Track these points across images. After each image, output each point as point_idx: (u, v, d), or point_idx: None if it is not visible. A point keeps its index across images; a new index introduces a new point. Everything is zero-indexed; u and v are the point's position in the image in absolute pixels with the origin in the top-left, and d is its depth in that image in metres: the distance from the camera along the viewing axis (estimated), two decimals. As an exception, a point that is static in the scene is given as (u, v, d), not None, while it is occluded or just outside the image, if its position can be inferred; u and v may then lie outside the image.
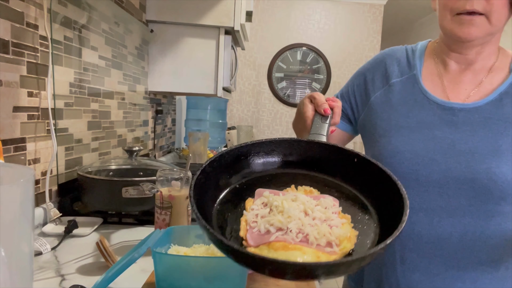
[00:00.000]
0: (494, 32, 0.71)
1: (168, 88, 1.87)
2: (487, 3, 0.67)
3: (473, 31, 0.68)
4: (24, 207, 0.50)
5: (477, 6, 0.66)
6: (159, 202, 0.87)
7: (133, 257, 0.62)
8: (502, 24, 0.70)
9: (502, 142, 0.68)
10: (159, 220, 0.87)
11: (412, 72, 0.80)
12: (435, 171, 0.71)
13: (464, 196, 0.69)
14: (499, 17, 0.68)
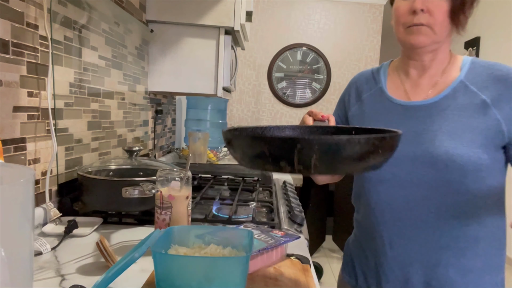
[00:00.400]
0: (439, 41, 0.84)
1: (168, 88, 1.87)
2: (430, 17, 0.81)
3: (421, 39, 0.83)
4: (24, 207, 0.51)
5: (422, 20, 0.81)
6: (159, 202, 0.87)
7: (133, 257, 0.62)
8: (444, 33, 0.83)
9: (457, 128, 0.80)
10: (159, 220, 0.87)
11: (378, 86, 0.96)
12: (404, 160, 0.83)
13: (431, 177, 0.81)
14: (441, 28, 0.82)
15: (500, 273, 0.86)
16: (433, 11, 0.81)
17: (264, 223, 1.09)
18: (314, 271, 0.83)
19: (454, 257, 0.83)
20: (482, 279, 0.84)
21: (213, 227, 0.79)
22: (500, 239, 0.86)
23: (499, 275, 0.86)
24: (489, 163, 0.79)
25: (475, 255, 0.83)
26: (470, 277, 0.83)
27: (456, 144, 0.79)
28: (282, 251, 0.86)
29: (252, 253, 0.70)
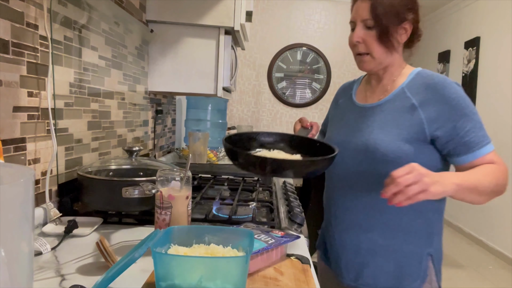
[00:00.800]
0: (381, 62, 1.02)
1: (168, 88, 1.87)
2: (366, 46, 1.00)
3: (365, 65, 1.03)
4: (24, 207, 0.51)
5: (361, 50, 1.01)
6: (159, 202, 0.87)
7: (133, 257, 0.62)
8: (384, 56, 1.01)
9: (388, 124, 1.00)
10: (159, 220, 0.87)
11: (350, 93, 1.18)
12: (350, 148, 1.05)
13: (361, 158, 1.02)
14: (378, 54, 1.00)
15: (427, 248, 1.02)
16: (366, 41, 0.99)
17: (264, 223, 1.09)
18: (314, 271, 0.83)
19: (380, 226, 1.01)
20: (405, 247, 1.01)
21: (213, 227, 0.79)
22: (427, 218, 1.02)
23: (426, 249, 1.02)
24: (411, 154, 0.96)
25: (398, 226, 1.01)
26: (393, 243, 1.01)
27: (384, 136, 0.98)
28: (282, 251, 0.86)
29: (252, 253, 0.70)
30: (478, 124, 0.96)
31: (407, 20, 0.99)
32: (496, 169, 0.94)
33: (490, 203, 1.67)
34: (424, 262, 1.01)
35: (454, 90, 0.96)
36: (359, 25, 1.00)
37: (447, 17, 5.11)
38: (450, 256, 3.79)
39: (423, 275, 1.00)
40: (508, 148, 3.76)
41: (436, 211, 1.03)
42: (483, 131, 0.96)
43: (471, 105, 0.97)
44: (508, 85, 3.79)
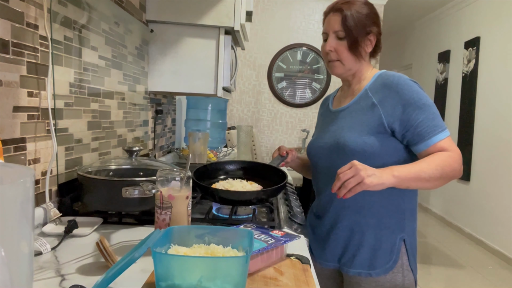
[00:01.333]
0: (350, 68, 1.15)
1: (168, 88, 1.87)
2: (337, 54, 1.13)
3: (336, 70, 1.16)
4: (24, 207, 0.51)
5: (333, 57, 1.14)
6: (159, 202, 0.87)
7: (133, 257, 0.62)
8: (352, 63, 1.14)
9: (354, 123, 1.12)
10: (159, 220, 0.87)
11: (327, 102, 1.32)
12: (324, 145, 1.18)
13: (335, 154, 1.13)
14: (347, 61, 1.14)
15: (399, 233, 1.12)
16: (338, 50, 1.13)
17: (264, 223, 1.09)
18: (314, 271, 0.83)
19: (355, 213, 1.12)
20: (378, 232, 1.11)
21: (213, 227, 0.79)
22: (397, 205, 1.11)
23: (399, 234, 1.12)
24: (376, 147, 1.07)
25: (370, 213, 1.11)
26: (367, 228, 1.12)
27: (351, 134, 1.10)
28: (282, 251, 0.86)
29: (252, 253, 0.70)
30: (431, 115, 1.04)
31: (372, 32, 1.14)
32: (445, 156, 1.01)
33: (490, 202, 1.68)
34: (397, 246, 1.10)
35: (407, 87, 1.07)
36: (331, 36, 1.13)
37: (447, 17, 5.11)
38: (450, 256, 3.79)
39: (395, 258, 1.10)
40: (508, 147, 3.76)
41: (406, 198, 1.12)
42: (435, 121, 1.04)
43: (425, 98, 1.06)
44: (508, 85, 3.79)
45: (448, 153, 1.02)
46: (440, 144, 1.03)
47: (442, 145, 1.03)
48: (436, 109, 1.06)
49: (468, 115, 4.45)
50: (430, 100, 1.07)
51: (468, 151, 4.41)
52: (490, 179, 4.04)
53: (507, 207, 3.73)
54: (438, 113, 1.06)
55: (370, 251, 1.10)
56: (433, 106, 1.06)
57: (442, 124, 1.05)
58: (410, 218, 1.14)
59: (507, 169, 3.76)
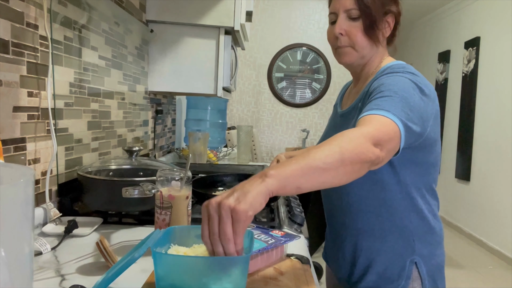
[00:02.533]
0: (363, 56, 0.97)
1: (168, 88, 1.87)
2: (349, 39, 0.94)
3: (347, 58, 0.97)
4: (24, 207, 0.51)
5: (344, 42, 0.95)
6: (159, 202, 0.87)
7: (133, 257, 0.62)
8: (366, 50, 0.96)
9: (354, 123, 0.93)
10: (159, 220, 0.87)
11: (340, 95, 1.17)
12: None
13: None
14: (361, 46, 0.95)
15: (409, 256, 0.96)
16: (350, 33, 0.94)
17: (264, 223, 1.09)
18: (314, 271, 0.83)
19: (360, 229, 0.99)
20: (383, 254, 0.97)
21: (213, 227, 0.78)
22: (401, 226, 0.96)
23: (409, 256, 0.96)
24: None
25: (375, 232, 0.97)
26: (373, 247, 0.98)
27: None
28: (282, 251, 0.86)
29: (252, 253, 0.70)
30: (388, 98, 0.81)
31: (391, 12, 0.96)
32: (344, 132, 0.73)
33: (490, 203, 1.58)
34: (407, 270, 0.95)
35: (397, 74, 0.88)
36: (342, 16, 0.94)
37: (447, 17, 5.11)
38: (450, 256, 3.79)
39: (404, 284, 0.95)
40: (508, 147, 3.76)
41: (413, 218, 0.97)
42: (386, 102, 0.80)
43: (404, 90, 0.83)
44: (508, 85, 3.79)
45: (346, 131, 0.74)
46: (362, 118, 0.78)
47: (362, 119, 0.78)
48: (406, 102, 0.81)
49: (468, 115, 4.45)
50: (411, 91, 0.84)
51: (468, 151, 4.42)
52: (490, 179, 4.04)
53: (507, 207, 3.73)
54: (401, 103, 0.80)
55: (375, 277, 0.98)
56: (406, 99, 0.81)
57: (393, 109, 0.78)
58: (423, 239, 0.97)
59: (507, 169, 3.76)
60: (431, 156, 0.94)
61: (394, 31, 1.00)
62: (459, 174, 4.57)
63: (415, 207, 0.96)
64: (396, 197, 0.94)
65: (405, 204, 0.95)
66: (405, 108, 0.80)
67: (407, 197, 0.94)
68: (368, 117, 0.78)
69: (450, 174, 4.83)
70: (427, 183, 0.96)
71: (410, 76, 0.88)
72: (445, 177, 4.95)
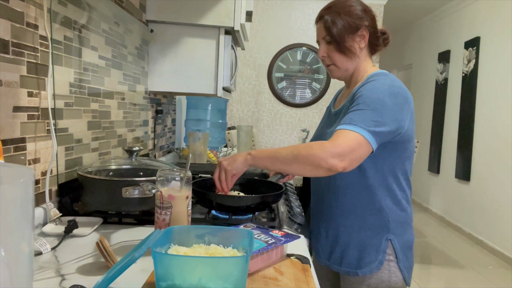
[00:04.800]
0: (347, 69, 1.16)
1: (168, 88, 1.87)
2: (330, 59, 1.16)
3: (334, 74, 1.19)
4: (24, 207, 0.51)
5: (327, 62, 1.18)
6: (159, 202, 0.87)
7: (133, 257, 0.62)
8: (347, 64, 1.15)
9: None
10: (159, 220, 0.87)
11: (333, 100, 1.33)
12: None
13: None
14: (340, 63, 1.15)
15: (384, 234, 1.12)
16: (329, 54, 1.15)
17: (264, 223, 1.09)
18: (314, 271, 0.83)
19: (340, 214, 1.16)
20: (362, 234, 1.13)
21: (213, 227, 0.79)
22: (378, 207, 1.12)
23: (384, 236, 1.12)
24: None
25: (354, 215, 1.14)
26: (351, 230, 1.14)
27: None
28: (282, 251, 0.86)
29: (252, 253, 0.70)
30: (361, 112, 1.02)
31: (363, 27, 1.12)
32: (309, 143, 1.03)
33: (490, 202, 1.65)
34: (383, 246, 1.12)
35: (372, 84, 1.07)
36: (322, 42, 1.16)
37: (447, 17, 5.11)
38: (450, 256, 3.79)
39: (381, 258, 1.12)
40: (508, 147, 3.76)
41: (387, 198, 1.13)
42: (357, 116, 1.01)
43: (370, 99, 1.03)
44: (508, 85, 3.79)
45: (316, 142, 1.01)
46: (335, 132, 1.01)
47: (334, 133, 1.01)
48: (377, 112, 1.01)
49: (468, 115, 4.45)
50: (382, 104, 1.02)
51: (468, 151, 4.42)
52: (490, 179, 4.04)
53: (507, 207, 3.73)
54: (371, 114, 1.00)
55: (357, 252, 1.13)
56: (377, 109, 1.01)
57: (361, 122, 1.00)
58: (396, 217, 1.13)
59: (507, 169, 3.76)
60: (407, 151, 1.12)
61: (374, 40, 1.16)
62: (459, 174, 4.57)
63: (391, 192, 1.13)
64: (375, 183, 1.11)
65: (382, 189, 1.12)
66: (375, 117, 1.00)
67: (384, 183, 1.12)
68: (338, 132, 1.01)
69: (450, 174, 4.83)
70: (403, 173, 1.14)
71: (387, 86, 1.06)
72: (445, 177, 4.95)
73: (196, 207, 1.27)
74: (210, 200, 1.12)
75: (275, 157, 1.03)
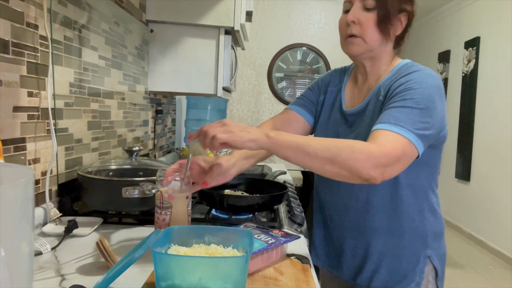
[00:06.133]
0: (371, 49, 0.96)
1: (168, 88, 1.87)
2: (360, 28, 0.93)
3: (355, 49, 0.96)
4: (24, 207, 0.51)
5: (354, 31, 0.94)
6: (159, 202, 0.87)
7: (133, 257, 0.62)
8: (376, 43, 0.95)
9: (369, 128, 0.91)
10: (159, 220, 0.87)
11: (340, 85, 1.10)
12: None
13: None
14: (371, 37, 0.94)
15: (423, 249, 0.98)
16: (363, 22, 0.93)
17: (264, 223, 1.09)
18: (314, 271, 0.83)
19: (373, 229, 0.99)
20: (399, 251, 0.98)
21: (213, 227, 0.79)
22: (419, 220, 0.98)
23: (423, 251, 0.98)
24: None
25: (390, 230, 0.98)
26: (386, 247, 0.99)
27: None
28: (282, 251, 0.86)
29: (252, 253, 0.70)
30: (406, 112, 0.84)
31: (406, 11, 0.95)
32: (354, 143, 0.81)
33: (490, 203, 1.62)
34: (421, 264, 0.98)
35: (417, 77, 0.89)
36: (356, 5, 0.94)
37: (447, 17, 5.11)
38: (450, 256, 3.79)
39: (419, 278, 0.97)
40: (508, 147, 3.76)
41: (425, 212, 1.00)
42: (403, 116, 0.84)
43: (420, 96, 0.85)
44: (508, 85, 3.79)
45: (364, 143, 0.81)
46: (376, 132, 0.83)
47: (376, 134, 0.83)
48: (427, 112, 0.85)
49: (468, 115, 4.45)
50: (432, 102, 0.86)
51: (468, 151, 4.41)
52: (490, 179, 4.04)
53: (507, 207, 3.72)
54: (416, 118, 0.84)
55: (388, 274, 0.99)
56: (428, 109, 0.85)
57: (410, 124, 0.83)
58: (434, 231, 1.00)
59: (507, 169, 3.76)
60: (440, 154, 0.99)
61: (404, 33, 0.99)
62: (459, 174, 4.57)
63: (429, 205, 1.00)
64: (412, 196, 0.97)
65: (421, 198, 0.98)
66: (424, 117, 0.84)
67: (423, 195, 0.98)
68: (383, 133, 0.82)
69: (450, 174, 4.83)
70: (435, 179, 1.01)
71: (435, 80, 0.90)
72: (445, 177, 4.95)
73: (196, 207, 1.27)
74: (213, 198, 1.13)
75: (302, 149, 0.78)
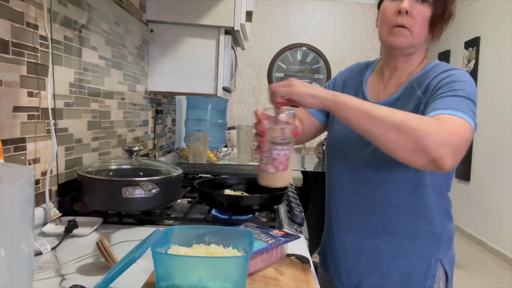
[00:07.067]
0: (416, 44, 0.92)
1: (168, 88, 1.87)
2: (412, 20, 0.89)
3: (401, 40, 0.91)
4: (24, 207, 0.51)
5: (405, 21, 0.89)
6: (280, 139, 0.79)
7: (133, 257, 0.62)
8: (422, 38, 0.91)
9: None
10: (279, 156, 0.79)
11: (361, 78, 1.06)
12: (353, 144, 0.98)
13: (367, 162, 0.95)
14: (419, 32, 0.90)
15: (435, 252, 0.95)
16: (415, 15, 0.88)
17: (264, 223, 1.09)
18: (314, 271, 0.83)
19: (383, 231, 0.96)
20: (411, 254, 0.95)
21: (213, 227, 0.79)
22: (433, 222, 0.95)
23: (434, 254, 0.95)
24: None
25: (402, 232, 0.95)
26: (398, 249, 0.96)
27: None
28: (282, 251, 0.86)
29: (252, 253, 0.70)
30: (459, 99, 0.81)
31: (451, 16, 0.91)
32: (424, 117, 0.77)
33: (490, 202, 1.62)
34: (433, 268, 0.94)
35: (459, 72, 0.87)
36: None
37: (447, 17, 5.10)
38: (450, 256, 3.79)
39: (431, 282, 0.94)
40: (508, 147, 3.76)
41: (442, 214, 0.98)
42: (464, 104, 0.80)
43: (469, 89, 0.84)
44: (508, 85, 3.79)
45: (430, 117, 0.77)
46: (437, 117, 0.77)
47: (438, 117, 0.77)
48: (473, 106, 0.82)
49: (468, 115, 4.44)
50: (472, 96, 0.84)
51: (468, 150, 4.41)
52: (490, 179, 4.04)
53: (507, 207, 3.73)
54: (470, 107, 0.81)
55: (401, 277, 0.95)
56: (471, 102, 0.83)
57: (469, 111, 0.79)
58: (446, 233, 0.97)
59: (507, 169, 3.76)
60: None
61: (440, 33, 0.94)
62: (459, 174, 4.57)
63: (446, 207, 0.99)
64: (433, 196, 0.95)
65: (439, 203, 0.96)
66: (474, 109, 0.82)
67: (441, 197, 0.97)
68: (444, 117, 0.76)
69: (450, 174, 4.83)
70: (451, 180, 1.00)
71: (470, 77, 0.89)
72: (445, 177, 4.95)
73: (196, 207, 1.27)
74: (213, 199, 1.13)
75: (367, 112, 0.74)
